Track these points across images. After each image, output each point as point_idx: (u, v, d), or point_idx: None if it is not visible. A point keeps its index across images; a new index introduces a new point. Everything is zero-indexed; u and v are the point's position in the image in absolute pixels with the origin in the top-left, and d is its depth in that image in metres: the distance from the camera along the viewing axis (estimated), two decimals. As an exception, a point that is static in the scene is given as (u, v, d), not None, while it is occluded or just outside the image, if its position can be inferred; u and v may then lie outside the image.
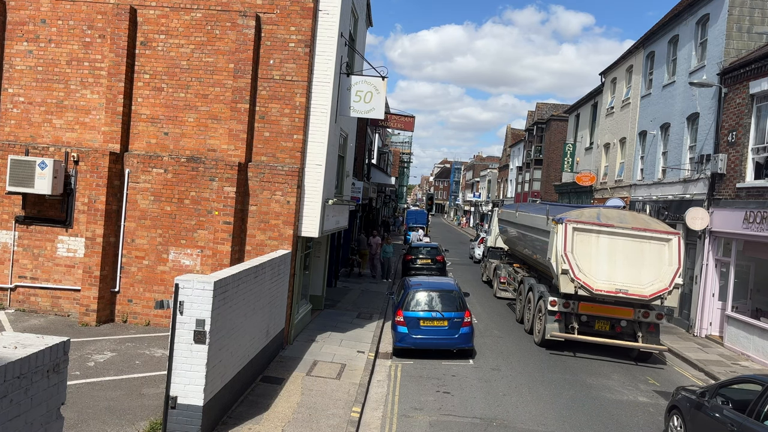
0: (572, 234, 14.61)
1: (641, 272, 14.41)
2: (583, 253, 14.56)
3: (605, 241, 14.62)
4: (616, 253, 14.54)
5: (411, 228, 46.05)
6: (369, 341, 14.50)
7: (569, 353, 15.03)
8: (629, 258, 14.50)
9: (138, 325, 13.69)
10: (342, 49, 14.31)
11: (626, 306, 14.58)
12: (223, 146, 13.60)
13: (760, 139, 16.13)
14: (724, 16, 18.14)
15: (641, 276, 14.38)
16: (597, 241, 14.65)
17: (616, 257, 14.52)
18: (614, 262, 14.50)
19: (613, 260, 14.51)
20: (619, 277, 14.36)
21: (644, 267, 14.45)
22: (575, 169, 34.18)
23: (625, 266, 14.46)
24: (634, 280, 14.33)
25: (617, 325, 14.83)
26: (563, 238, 14.58)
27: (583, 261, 14.50)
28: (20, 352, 4.00)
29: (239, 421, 8.99)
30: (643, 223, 14.96)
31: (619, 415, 10.93)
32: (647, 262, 14.48)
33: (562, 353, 14.98)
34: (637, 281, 14.32)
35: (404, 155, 70.48)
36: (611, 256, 14.53)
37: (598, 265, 14.50)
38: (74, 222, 14.02)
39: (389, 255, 25.89)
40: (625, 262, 14.48)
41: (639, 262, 14.48)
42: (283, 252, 12.68)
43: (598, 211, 15.50)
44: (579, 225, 14.72)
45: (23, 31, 14.03)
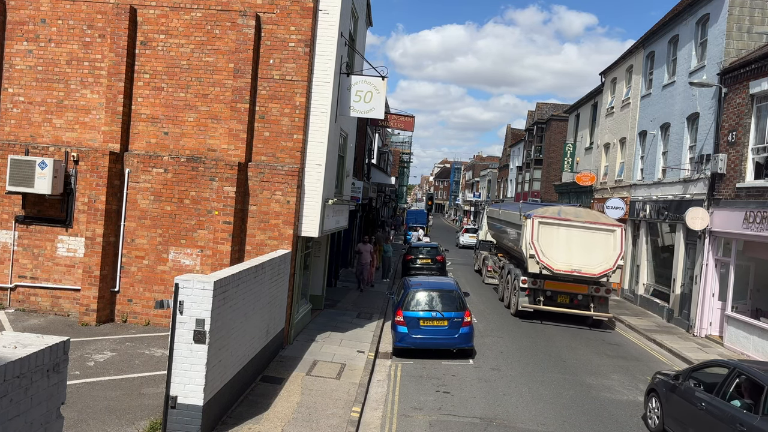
0: (538, 226, 18.28)
1: (592, 256, 17.96)
2: (547, 241, 18.15)
3: (564, 232, 18.25)
4: (573, 241, 18.16)
5: (411, 228, 46.06)
6: (369, 341, 14.50)
7: (537, 321, 18.65)
8: (583, 245, 18.10)
9: (138, 324, 13.69)
10: (342, 49, 14.31)
11: (581, 283, 18.22)
12: (223, 146, 13.60)
13: (760, 139, 16.13)
14: (724, 16, 18.14)
15: (592, 259, 17.93)
16: (558, 232, 18.27)
17: (572, 244, 18.12)
18: (571, 248, 18.08)
19: (570, 247, 18.10)
20: (574, 260, 17.94)
21: (594, 252, 18.02)
22: (575, 169, 34.18)
23: (579, 251, 18.05)
24: (587, 263, 17.90)
25: (575, 299, 18.47)
26: (531, 229, 18.22)
27: (547, 247, 18.09)
28: (20, 352, 4.00)
29: (239, 421, 8.99)
30: (594, 218, 18.76)
31: (619, 414, 10.93)
32: (597, 248, 18.05)
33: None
34: (589, 263, 17.89)
35: (404, 155, 70.48)
36: (569, 244, 18.13)
37: (558, 251, 18.08)
38: (74, 222, 14.02)
39: (389, 255, 25.89)
40: (580, 248, 18.07)
41: (590, 248, 18.05)
42: (283, 252, 12.68)
43: (559, 208, 19.60)
44: (543, 219, 18.40)
45: (23, 30, 14.03)
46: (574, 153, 35.30)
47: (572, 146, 35.67)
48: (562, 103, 49.29)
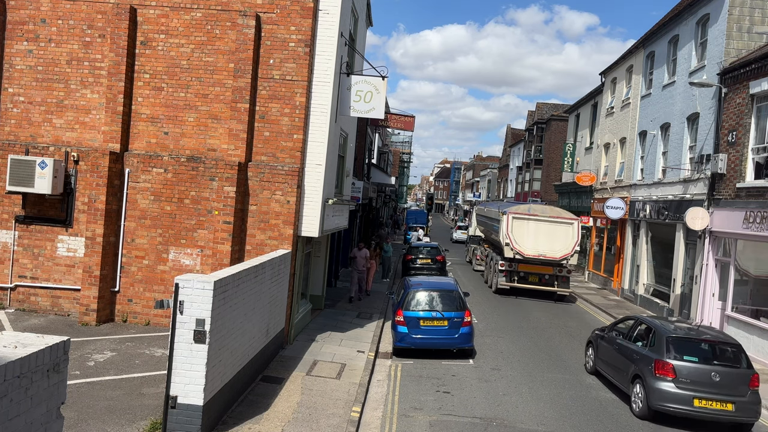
0: (512, 221, 22.77)
1: (554, 244, 22.54)
2: (519, 232, 22.71)
3: (533, 224, 22.82)
4: (539, 232, 22.69)
5: (411, 228, 46.06)
6: (369, 341, 14.50)
7: (513, 296, 23.17)
8: (547, 235, 22.64)
9: (138, 324, 13.69)
10: (342, 49, 14.31)
11: (547, 265, 22.80)
12: (223, 146, 13.60)
13: (760, 139, 16.13)
14: (724, 16, 18.14)
15: (554, 246, 22.53)
16: (527, 225, 22.81)
17: (539, 235, 22.65)
18: (538, 237, 22.62)
19: (537, 236, 22.62)
20: (541, 247, 22.54)
21: (556, 240, 22.56)
22: (575, 169, 34.18)
23: (544, 240, 22.58)
24: (550, 249, 22.50)
25: (543, 278, 23.04)
26: (506, 223, 22.76)
27: (519, 237, 22.63)
28: (20, 352, 4.00)
29: (239, 421, 8.99)
30: (557, 213, 23.46)
31: (619, 414, 10.93)
32: (558, 237, 22.61)
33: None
34: (552, 249, 22.50)
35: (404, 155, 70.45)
36: (536, 234, 22.66)
37: (528, 240, 22.60)
38: (74, 221, 14.02)
39: (389, 255, 25.89)
40: (545, 237, 22.62)
41: (553, 237, 22.61)
42: (283, 252, 12.68)
43: (528, 206, 24.47)
44: (516, 215, 23.00)
45: (23, 30, 14.03)
46: (574, 153, 35.30)
47: (572, 146, 35.67)
48: (563, 103, 49.29)
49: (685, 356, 10.63)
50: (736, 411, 10.26)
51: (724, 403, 10.24)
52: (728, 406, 10.23)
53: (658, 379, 10.53)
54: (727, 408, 10.24)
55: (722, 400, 10.25)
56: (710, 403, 10.24)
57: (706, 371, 10.41)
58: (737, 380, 10.42)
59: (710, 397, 10.27)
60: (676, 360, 10.56)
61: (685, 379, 10.40)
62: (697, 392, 10.32)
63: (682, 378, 10.41)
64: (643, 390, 10.80)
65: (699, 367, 10.49)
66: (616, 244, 26.84)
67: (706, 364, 10.52)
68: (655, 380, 10.55)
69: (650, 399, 10.57)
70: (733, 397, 10.30)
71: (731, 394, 10.31)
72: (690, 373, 10.44)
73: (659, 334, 11.16)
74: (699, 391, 10.32)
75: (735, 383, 10.39)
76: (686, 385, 10.38)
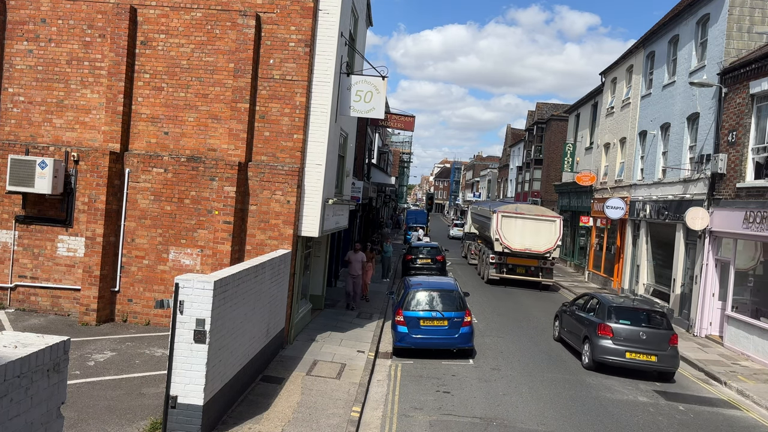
0: (501, 218, 25.69)
1: (539, 239, 25.49)
2: (507, 229, 25.63)
3: (519, 222, 25.70)
4: (525, 228, 25.62)
5: (411, 228, 46.06)
6: (369, 341, 14.50)
7: (502, 286, 25.90)
8: (532, 231, 25.57)
9: (138, 324, 13.69)
10: (342, 49, 14.31)
11: (532, 258, 25.71)
12: (223, 146, 13.60)
13: (760, 139, 16.13)
14: (724, 16, 18.14)
15: (539, 241, 25.47)
16: (515, 222, 25.70)
17: (525, 231, 25.58)
18: (524, 233, 25.56)
19: (523, 232, 25.58)
20: (526, 242, 25.48)
21: (540, 236, 25.51)
22: (575, 169, 34.18)
23: (530, 236, 25.53)
24: (535, 243, 25.44)
25: (529, 270, 25.91)
26: (496, 221, 25.65)
27: (507, 233, 25.59)
28: (20, 352, 4.00)
29: (239, 421, 8.99)
30: (541, 212, 26.72)
31: (619, 414, 10.93)
32: (542, 233, 25.54)
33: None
34: (536, 244, 25.44)
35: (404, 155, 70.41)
36: (522, 230, 25.58)
37: (515, 235, 25.53)
38: (74, 221, 14.02)
39: (389, 255, 25.87)
40: (530, 233, 25.55)
41: (537, 233, 25.55)
42: (283, 251, 12.68)
43: (516, 205, 27.62)
44: (505, 213, 25.85)
45: (23, 30, 14.03)
46: (574, 153, 35.30)
47: (572, 146, 35.66)
48: (563, 103, 49.28)
49: (621, 320, 13.60)
50: (658, 362, 13.13)
51: (648, 356, 13.16)
52: (652, 358, 13.16)
53: (600, 338, 13.48)
54: (651, 359, 13.16)
55: (647, 353, 13.14)
56: (638, 355, 13.16)
57: (636, 331, 13.37)
58: (660, 339, 13.31)
59: (638, 351, 13.16)
60: (614, 323, 13.51)
61: (620, 337, 13.32)
62: (628, 347, 13.21)
63: (618, 337, 13.34)
64: (589, 347, 13.70)
65: (631, 328, 13.45)
66: (616, 244, 26.84)
67: (636, 326, 13.48)
68: (598, 339, 13.50)
69: (594, 353, 13.47)
70: (656, 351, 13.16)
71: (655, 349, 13.18)
72: (624, 332, 13.37)
73: (603, 305, 14.17)
74: (630, 347, 13.22)
75: (658, 341, 13.28)
76: (621, 342, 13.28)
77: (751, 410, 11.80)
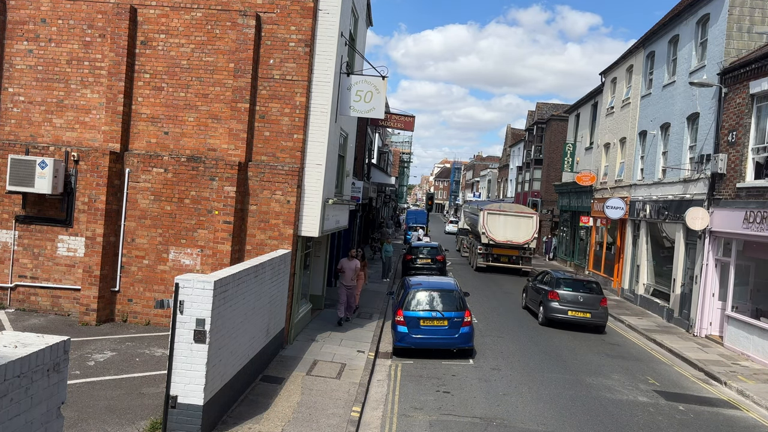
0: (487, 215, 30.30)
1: (519, 232, 30.07)
2: (492, 224, 30.19)
3: (502, 218, 30.31)
4: (508, 223, 30.21)
5: (411, 228, 46.08)
6: (369, 341, 14.50)
7: (490, 273, 30.38)
8: (514, 226, 30.19)
9: (138, 324, 13.69)
10: (342, 49, 14.31)
11: (514, 248, 30.37)
12: (223, 146, 13.60)
13: (760, 139, 16.13)
14: (724, 16, 18.14)
15: (519, 234, 30.07)
16: (498, 218, 30.28)
17: (507, 225, 30.16)
18: (506, 228, 30.14)
19: (506, 227, 30.15)
20: (508, 235, 30.08)
21: (520, 230, 30.12)
22: (575, 169, 34.18)
23: (511, 229, 30.10)
24: (516, 236, 30.05)
25: (511, 258, 30.56)
26: (483, 218, 30.26)
27: (492, 228, 30.13)
28: (20, 351, 4.00)
29: (239, 421, 8.99)
30: (521, 209, 31.72)
31: (619, 414, 10.93)
32: (522, 227, 30.19)
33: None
34: (517, 236, 30.04)
35: (404, 155, 70.39)
36: (505, 225, 30.18)
37: (499, 229, 30.10)
38: (74, 221, 14.02)
39: (389, 255, 25.88)
40: (512, 227, 30.15)
41: (518, 227, 30.16)
42: (283, 251, 12.68)
43: (500, 204, 34.45)
44: (490, 211, 30.61)
45: (23, 30, 14.04)
46: (574, 153, 35.30)
47: (572, 146, 35.66)
48: (563, 103, 49.28)
49: (565, 288, 18.15)
50: (591, 317, 17.75)
51: (585, 313, 17.73)
52: (587, 315, 17.73)
53: (550, 301, 18.03)
54: (587, 316, 17.73)
55: (584, 311, 17.73)
56: (577, 313, 17.75)
57: (576, 295, 17.95)
58: (593, 301, 17.90)
59: (577, 309, 17.77)
60: (560, 290, 18.04)
61: (564, 300, 17.88)
62: (570, 307, 17.80)
63: (563, 300, 17.89)
64: (543, 308, 18.30)
65: (572, 293, 17.99)
66: (616, 244, 26.84)
67: (576, 292, 18.02)
68: (549, 302, 18.06)
69: (546, 313, 18.12)
70: (590, 310, 17.75)
71: (589, 309, 17.77)
72: (567, 297, 17.93)
73: (553, 277, 18.76)
74: (571, 307, 17.79)
75: (592, 302, 17.86)
76: (564, 304, 17.86)
77: (751, 410, 11.80)
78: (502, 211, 30.57)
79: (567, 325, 17.85)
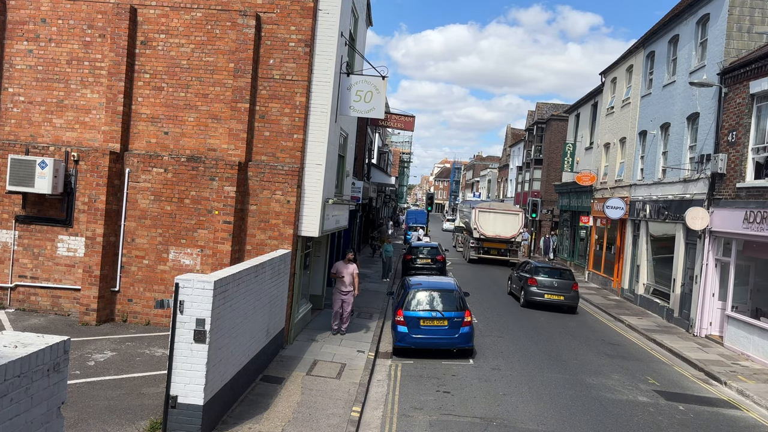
0: (478, 213, 34.12)
1: (506, 227, 33.78)
2: (483, 220, 33.83)
3: (491, 215, 34.10)
4: (496, 220, 33.89)
5: (411, 228, 46.09)
6: (369, 341, 14.50)
7: (481, 264, 33.96)
8: (501, 222, 33.85)
9: (138, 324, 13.69)
10: (342, 49, 14.31)
11: (502, 242, 34.09)
12: (223, 146, 13.61)
13: (760, 138, 16.13)
14: (724, 16, 18.14)
15: (506, 229, 33.77)
16: (488, 215, 34.06)
17: (496, 222, 33.84)
18: (495, 223, 33.78)
19: (495, 223, 33.80)
20: (497, 230, 33.71)
21: (507, 225, 33.81)
22: (575, 169, 34.19)
23: (500, 225, 33.76)
24: (504, 231, 33.73)
25: (500, 251, 34.27)
26: (474, 215, 34.07)
27: (482, 224, 33.78)
28: (20, 351, 4.00)
29: (239, 421, 8.99)
30: (508, 208, 35.90)
31: (619, 414, 10.93)
32: (509, 223, 33.87)
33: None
34: (505, 231, 33.72)
35: (404, 155, 70.37)
36: (494, 221, 33.84)
37: (488, 225, 33.76)
38: (74, 221, 14.03)
39: (390, 255, 25.87)
40: (500, 223, 33.80)
41: (505, 223, 33.82)
42: (283, 251, 12.68)
43: (489, 203, 39.07)
44: (480, 209, 34.45)
45: (23, 30, 14.04)
46: (574, 153, 35.30)
47: (572, 146, 35.66)
48: (563, 103, 49.28)
49: (542, 274, 21.07)
50: (564, 300, 20.58)
51: (559, 296, 20.57)
52: (561, 297, 20.56)
53: (529, 286, 20.87)
54: (560, 298, 20.58)
55: (558, 295, 20.56)
56: (552, 296, 20.57)
57: (551, 281, 20.82)
58: (566, 285, 20.73)
59: (552, 293, 20.58)
60: (538, 276, 20.97)
61: (541, 285, 20.73)
62: (546, 291, 20.62)
63: (540, 285, 20.74)
64: (523, 292, 21.21)
65: (548, 279, 20.89)
66: (616, 244, 26.84)
67: (551, 278, 20.92)
68: (528, 287, 20.92)
69: (526, 296, 21.01)
70: (563, 293, 20.57)
71: (563, 292, 20.58)
72: (544, 282, 20.79)
73: (532, 265, 21.78)
74: (547, 291, 20.61)
75: (565, 287, 20.67)
76: (542, 288, 20.68)
77: (752, 410, 11.80)
78: (492, 209, 34.71)
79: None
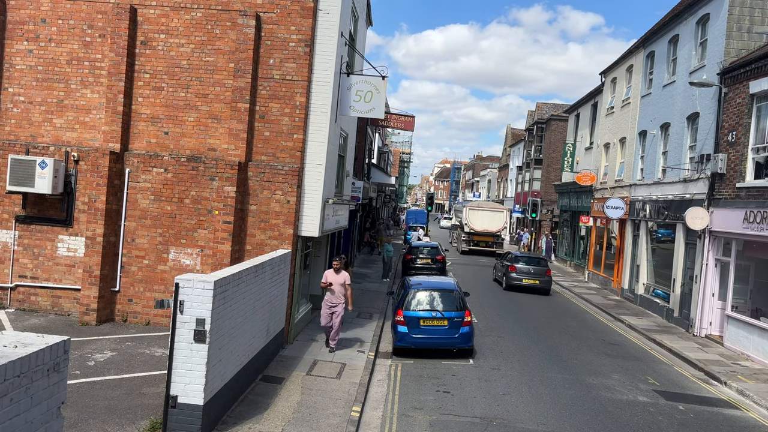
0: (469, 211, 40.24)
1: (493, 223, 39.76)
2: (473, 217, 39.75)
3: (480, 212, 39.96)
4: (484, 217, 39.73)
5: (411, 228, 46.11)
6: (369, 341, 14.50)
7: (471, 255, 39.10)
8: (489, 218, 39.73)
9: (138, 324, 13.69)
10: (342, 49, 14.32)
11: (489, 236, 39.81)
12: (223, 146, 13.61)
13: (760, 138, 16.13)
14: (724, 16, 18.14)
15: (493, 224, 39.77)
16: (477, 213, 39.94)
17: (484, 218, 39.69)
18: (484, 220, 39.66)
19: (483, 219, 39.67)
20: (485, 225, 39.68)
21: (494, 221, 39.81)
22: (575, 169, 34.18)
23: (487, 221, 39.68)
24: (491, 226, 39.75)
25: (487, 244, 39.89)
26: (466, 213, 40.31)
27: (473, 220, 39.75)
28: (21, 351, 4.00)
29: (239, 421, 8.99)
30: (495, 206, 42.56)
31: (619, 414, 10.93)
32: (495, 219, 39.82)
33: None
34: (491, 226, 39.73)
35: (404, 155, 70.38)
36: (482, 218, 39.69)
37: (477, 221, 39.69)
38: (74, 221, 14.03)
39: (390, 255, 25.88)
40: (488, 220, 39.67)
41: (492, 220, 39.77)
42: (283, 251, 12.68)
43: (479, 201, 48.20)
44: (471, 207, 40.89)
45: (23, 30, 14.04)
46: (574, 153, 35.30)
47: (572, 146, 35.66)
48: (563, 103, 49.29)
49: (520, 263, 24.80)
50: (539, 284, 24.36)
51: (534, 280, 24.30)
52: (536, 282, 24.32)
53: (510, 272, 24.51)
54: (536, 282, 24.31)
55: (534, 279, 24.31)
56: (529, 280, 24.29)
57: (528, 268, 24.59)
58: (541, 272, 24.54)
59: (529, 278, 24.30)
60: (517, 264, 24.63)
61: (520, 271, 24.42)
62: (524, 276, 24.35)
63: (519, 271, 24.41)
64: (505, 278, 24.88)
65: (526, 266, 24.66)
66: (616, 244, 26.84)
67: (528, 265, 24.74)
68: (509, 273, 24.54)
69: (507, 281, 24.68)
70: (539, 278, 24.38)
71: (538, 277, 24.38)
72: (522, 269, 24.51)
73: (512, 255, 25.72)
74: (525, 276, 24.35)
75: (540, 272, 24.50)
76: (520, 274, 24.39)
77: (752, 410, 11.80)
78: (480, 207, 41.16)
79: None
